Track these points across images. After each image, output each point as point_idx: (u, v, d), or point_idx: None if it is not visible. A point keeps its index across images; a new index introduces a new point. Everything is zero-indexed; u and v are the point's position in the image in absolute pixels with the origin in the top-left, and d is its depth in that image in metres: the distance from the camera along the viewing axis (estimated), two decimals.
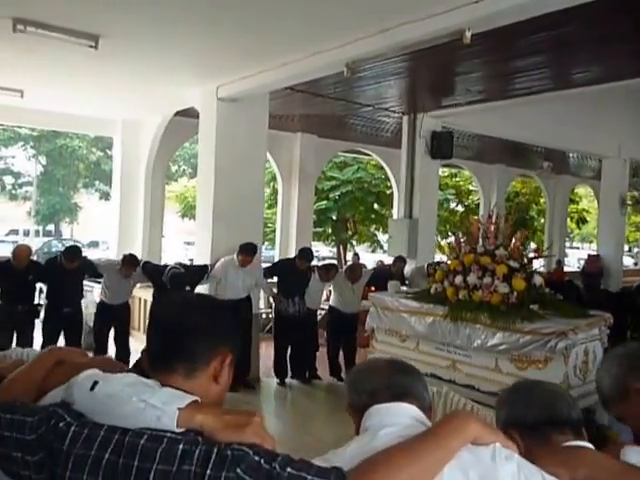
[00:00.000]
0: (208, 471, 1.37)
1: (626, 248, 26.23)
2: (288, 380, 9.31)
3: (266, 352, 9.91)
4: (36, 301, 8.65)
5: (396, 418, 1.83)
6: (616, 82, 8.97)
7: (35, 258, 10.25)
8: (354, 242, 22.86)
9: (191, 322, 1.69)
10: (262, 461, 1.39)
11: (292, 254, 10.32)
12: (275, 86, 8.41)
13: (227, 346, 1.71)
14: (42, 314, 8.61)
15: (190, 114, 10.00)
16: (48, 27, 6.20)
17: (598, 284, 14.62)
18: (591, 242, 41.77)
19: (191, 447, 1.42)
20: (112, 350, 8.85)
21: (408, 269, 10.82)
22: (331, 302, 9.89)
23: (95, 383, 1.57)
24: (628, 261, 30.95)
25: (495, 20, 5.46)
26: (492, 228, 6.56)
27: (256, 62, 7.56)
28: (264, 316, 11.84)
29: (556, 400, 2.12)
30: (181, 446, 1.42)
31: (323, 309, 10.66)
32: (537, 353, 5.67)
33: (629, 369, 2.21)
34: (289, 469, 1.39)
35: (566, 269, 21.37)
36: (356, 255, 19.13)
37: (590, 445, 1.98)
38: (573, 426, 2.06)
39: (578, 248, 47.48)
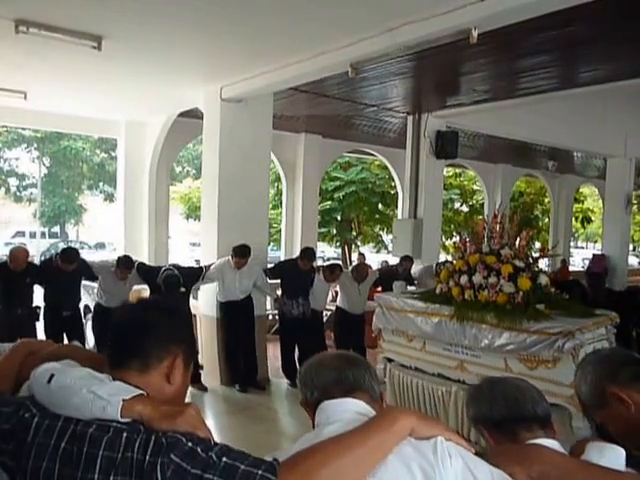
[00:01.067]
0: (147, 457, 1.48)
1: (631, 247, 26.18)
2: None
3: (274, 353, 9.89)
4: (34, 304, 8.46)
5: (342, 414, 1.85)
6: (623, 81, 8.93)
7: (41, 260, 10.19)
8: (359, 242, 22.85)
9: (144, 320, 1.79)
10: (199, 449, 1.48)
11: (297, 255, 10.31)
12: (279, 87, 8.41)
13: (179, 347, 1.80)
14: (41, 317, 8.46)
15: (194, 115, 10.00)
16: (50, 28, 6.20)
17: (603, 283, 14.61)
18: (596, 242, 41.80)
19: (133, 435, 1.53)
20: None
21: (416, 269, 10.79)
22: (338, 303, 9.85)
23: (52, 376, 1.66)
24: (633, 260, 30.87)
25: (501, 19, 5.44)
26: (497, 227, 6.54)
27: (260, 62, 7.56)
28: (270, 317, 11.82)
29: (519, 397, 2.15)
30: (125, 435, 1.54)
31: (329, 310, 10.62)
32: (545, 353, 5.64)
33: (604, 374, 2.25)
34: (225, 459, 1.47)
35: (571, 269, 21.36)
36: (361, 255, 19.11)
37: (552, 442, 2.00)
38: (540, 422, 2.10)
39: (583, 247, 47.47)
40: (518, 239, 6.46)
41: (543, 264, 6.89)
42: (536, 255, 6.58)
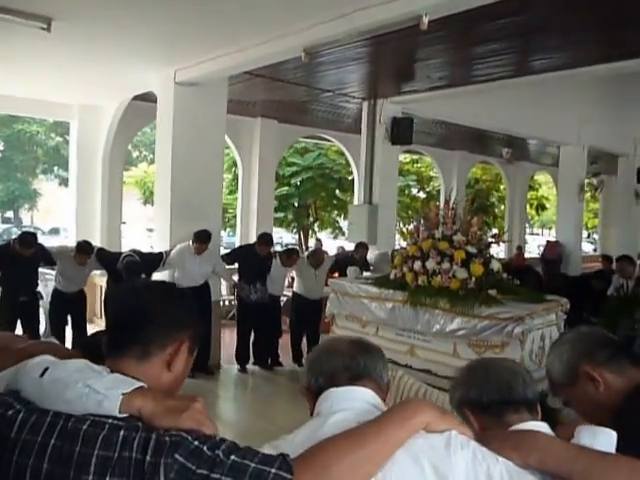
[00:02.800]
0: (147, 457, 1.37)
1: (585, 234, 26.57)
2: (250, 366, 9.24)
3: (229, 339, 9.85)
4: None
5: (349, 403, 1.79)
6: (576, 69, 9.02)
7: None
8: (316, 228, 22.83)
9: (149, 305, 1.69)
10: (204, 447, 1.39)
11: (253, 240, 10.27)
12: (233, 71, 8.32)
13: (185, 333, 1.69)
14: None
15: (149, 98, 9.86)
16: None
17: (558, 270, 14.79)
18: (550, 228, 42.30)
19: (131, 433, 1.42)
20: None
21: (372, 255, 10.81)
22: (294, 288, 9.85)
23: (46, 369, 1.55)
24: (588, 247, 31.34)
25: (451, 6, 5.46)
26: (450, 213, 6.58)
27: (214, 46, 7.47)
28: (227, 303, 11.78)
29: (512, 379, 2.09)
30: (122, 432, 1.42)
31: (286, 295, 10.61)
32: (494, 338, 5.71)
33: (580, 354, 2.25)
34: (233, 457, 1.38)
35: (527, 255, 21.61)
36: (318, 241, 19.10)
37: (543, 425, 1.97)
38: (528, 405, 2.05)
39: (538, 234, 48.04)
40: (471, 225, 6.51)
41: (499, 250, 6.95)
42: (489, 241, 6.65)
